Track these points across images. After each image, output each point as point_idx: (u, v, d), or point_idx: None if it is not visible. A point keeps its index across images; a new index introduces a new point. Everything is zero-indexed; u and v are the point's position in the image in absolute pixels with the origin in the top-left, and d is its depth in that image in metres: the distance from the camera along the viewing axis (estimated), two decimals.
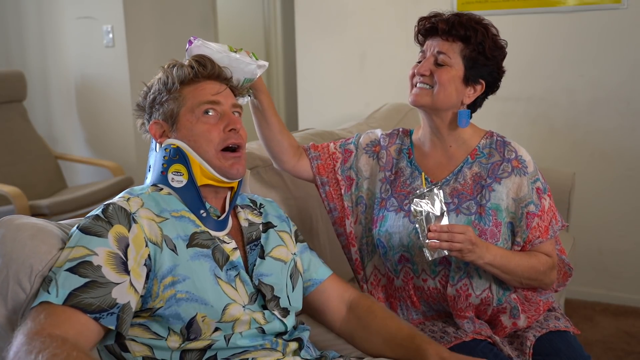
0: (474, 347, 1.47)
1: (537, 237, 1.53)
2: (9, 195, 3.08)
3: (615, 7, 2.69)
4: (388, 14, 3.11)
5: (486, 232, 1.50)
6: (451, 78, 1.51)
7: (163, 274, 1.15)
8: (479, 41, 1.51)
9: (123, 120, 3.88)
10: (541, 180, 1.57)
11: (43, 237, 1.17)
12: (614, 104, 2.77)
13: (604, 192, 2.86)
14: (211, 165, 1.26)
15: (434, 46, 1.54)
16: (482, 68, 1.53)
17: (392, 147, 1.67)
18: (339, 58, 3.26)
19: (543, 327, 1.57)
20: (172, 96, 1.29)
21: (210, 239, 1.23)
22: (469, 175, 1.57)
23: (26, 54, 4.21)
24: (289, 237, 1.41)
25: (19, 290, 1.14)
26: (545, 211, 1.54)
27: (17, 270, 1.14)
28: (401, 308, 1.62)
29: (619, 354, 2.49)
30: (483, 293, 1.52)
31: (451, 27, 1.51)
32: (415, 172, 1.61)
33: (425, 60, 1.54)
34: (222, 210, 1.31)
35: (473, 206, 1.53)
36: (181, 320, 1.14)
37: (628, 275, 2.89)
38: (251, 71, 1.42)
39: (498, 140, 1.60)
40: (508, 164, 1.56)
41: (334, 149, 1.69)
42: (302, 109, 3.41)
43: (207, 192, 1.29)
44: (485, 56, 1.52)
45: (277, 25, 5.20)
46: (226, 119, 1.28)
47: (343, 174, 1.67)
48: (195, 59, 1.32)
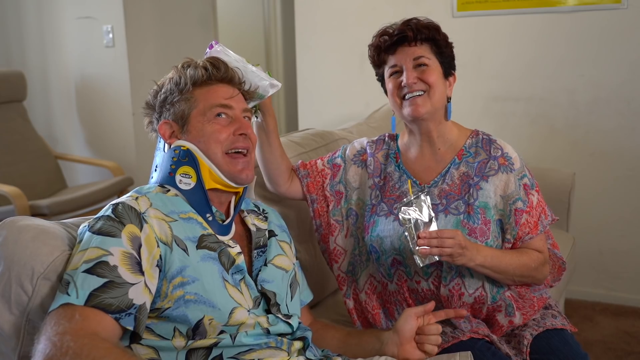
0: (472, 346, 1.46)
1: (527, 233, 1.53)
2: (9, 195, 3.08)
3: (615, 7, 2.69)
4: (388, 14, 3.09)
5: (475, 231, 1.50)
6: (438, 76, 1.56)
7: (172, 275, 1.14)
8: (441, 37, 1.58)
9: (123, 120, 3.88)
10: (528, 176, 1.58)
11: (45, 238, 1.17)
12: (614, 104, 2.77)
13: (604, 192, 2.86)
14: (220, 170, 1.26)
15: (407, 55, 1.56)
16: (449, 61, 1.60)
17: (379, 153, 1.68)
18: (339, 58, 3.26)
19: (540, 325, 1.57)
20: (183, 97, 1.29)
21: (217, 242, 1.23)
22: (457, 176, 1.58)
23: (26, 54, 4.21)
24: (289, 248, 1.42)
25: (22, 293, 1.14)
26: (533, 207, 1.55)
27: (19, 273, 1.14)
28: (398, 312, 1.62)
29: (619, 354, 2.49)
30: (476, 292, 1.53)
31: (417, 31, 1.56)
32: (403, 175, 1.62)
33: (408, 70, 1.55)
34: (226, 215, 1.31)
35: (461, 205, 1.53)
36: (188, 322, 1.14)
37: (628, 275, 2.89)
38: (264, 87, 1.42)
39: (484, 139, 1.62)
40: (495, 162, 1.57)
41: (322, 166, 1.70)
42: (302, 109, 3.42)
43: (213, 196, 1.29)
44: (449, 49, 1.60)
45: (277, 25, 5.20)
46: (237, 122, 1.28)
47: (332, 189, 1.68)
48: (210, 60, 1.32)
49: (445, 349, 1.48)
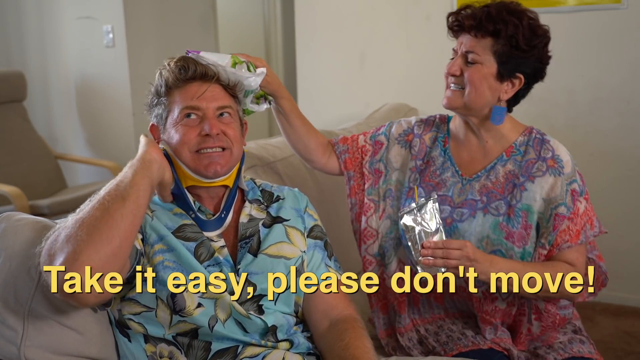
0: (490, 357, 1.43)
1: (566, 240, 1.42)
2: (9, 195, 3.08)
3: (615, 7, 2.69)
4: (388, 14, 3.11)
5: (513, 235, 1.41)
6: (482, 77, 1.42)
7: (154, 241, 1.23)
8: (510, 34, 1.39)
9: (123, 120, 3.88)
10: (579, 182, 1.47)
11: (44, 230, 1.18)
12: (614, 104, 2.77)
13: (604, 192, 2.85)
14: (188, 167, 1.27)
15: (463, 43, 1.45)
16: (518, 61, 1.42)
17: (426, 135, 1.59)
18: (339, 58, 3.26)
19: (566, 350, 1.48)
20: (160, 100, 1.32)
21: (197, 232, 1.26)
22: (502, 173, 1.48)
23: (26, 54, 4.21)
24: (300, 234, 1.37)
25: (24, 282, 1.15)
26: (579, 214, 1.44)
27: (21, 263, 1.15)
28: (422, 303, 1.57)
29: (619, 354, 2.49)
30: (509, 297, 1.46)
31: (478, 22, 1.40)
32: (447, 162, 1.53)
33: (455, 59, 1.46)
34: (216, 210, 1.31)
35: (502, 206, 1.44)
36: (166, 288, 1.18)
37: (628, 275, 2.89)
38: (249, 84, 1.40)
39: (536, 138, 1.51)
40: (543, 163, 1.46)
41: (363, 142, 1.64)
42: (302, 109, 3.33)
43: (201, 192, 1.31)
44: (520, 49, 1.40)
45: (277, 25, 5.20)
46: (204, 123, 1.27)
47: (371, 166, 1.61)
48: (178, 62, 1.30)
49: (462, 353, 1.44)
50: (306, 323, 1.36)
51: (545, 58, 1.46)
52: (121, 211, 1.05)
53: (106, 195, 1.08)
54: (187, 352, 1.20)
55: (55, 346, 1.17)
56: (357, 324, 1.31)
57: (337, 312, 1.33)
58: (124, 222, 1.05)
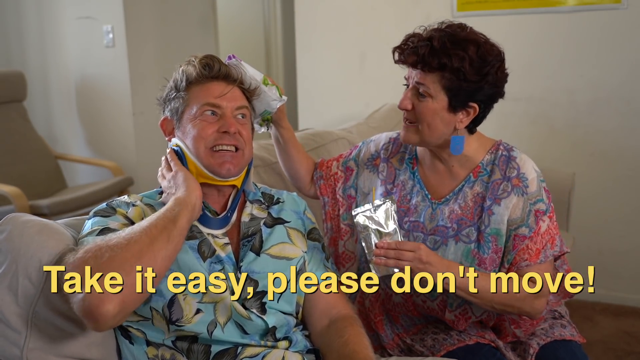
0: (477, 351, 1.44)
1: (525, 259, 1.40)
2: (9, 195, 3.08)
3: (615, 7, 2.69)
4: (388, 14, 3.11)
5: (485, 262, 1.41)
6: (434, 112, 1.38)
7: None
8: (456, 67, 1.34)
9: (123, 120, 3.88)
10: (545, 201, 1.43)
11: (49, 232, 1.19)
12: (614, 104, 2.77)
13: (604, 192, 2.86)
14: (202, 163, 1.27)
15: (413, 77, 1.41)
16: (469, 92, 1.37)
17: (394, 157, 1.59)
18: (339, 58, 3.26)
19: (548, 335, 1.52)
20: (179, 94, 1.32)
21: (199, 232, 1.26)
22: (470, 196, 1.46)
23: (26, 54, 4.21)
24: (301, 235, 1.39)
25: (29, 285, 1.15)
26: (539, 233, 1.41)
27: (26, 265, 1.15)
28: (403, 319, 1.60)
29: (619, 354, 2.49)
30: (483, 314, 1.48)
31: (422, 59, 1.36)
32: (416, 186, 1.53)
33: (406, 92, 1.42)
34: (223, 209, 1.32)
35: (473, 233, 1.44)
36: (163, 297, 1.18)
37: (628, 275, 2.89)
38: (274, 106, 1.47)
39: (502, 156, 1.47)
40: (508, 183, 1.43)
41: (335, 169, 1.66)
42: (302, 109, 3.42)
43: (210, 191, 1.32)
44: (469, 81, 1.35)
45: (277, 25, 5.20)
46: (223, 121, 1.29)
47: (344, 192, 1.63)
48: (204, 59, 1.32)
49: (450, 352, 1.46)
50: (304, 323, 1.37)
51: (500, 81, 1.41)
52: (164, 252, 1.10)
53: (152, 227, 1.11)
54: (188, 356, 1.20)
55: (58, 349, 1.17)
56: (355, 322, 1.34)
57: (337, 311, 1.35)
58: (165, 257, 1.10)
